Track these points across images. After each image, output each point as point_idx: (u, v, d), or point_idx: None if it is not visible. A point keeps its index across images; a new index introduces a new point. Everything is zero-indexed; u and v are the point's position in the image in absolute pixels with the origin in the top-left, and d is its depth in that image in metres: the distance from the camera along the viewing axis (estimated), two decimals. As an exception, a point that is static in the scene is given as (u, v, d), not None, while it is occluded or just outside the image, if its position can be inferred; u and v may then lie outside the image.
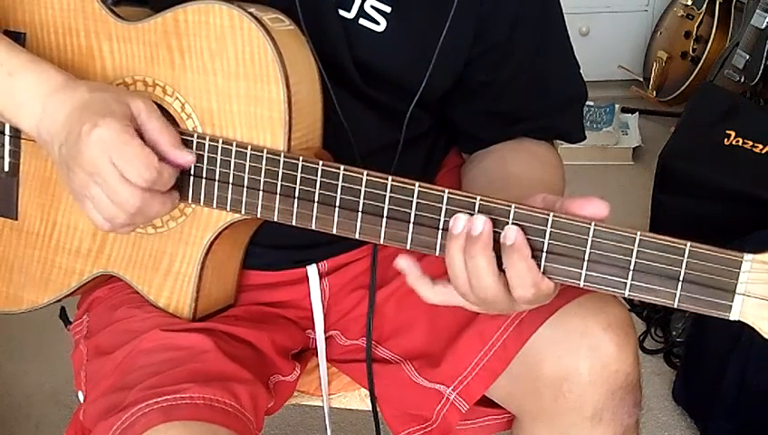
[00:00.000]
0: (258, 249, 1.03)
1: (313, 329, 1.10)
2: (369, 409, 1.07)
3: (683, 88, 2.92)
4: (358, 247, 1.08)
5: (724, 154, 2.08)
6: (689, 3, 2.93)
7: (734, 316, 0.72)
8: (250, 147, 0.87)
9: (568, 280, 0.77)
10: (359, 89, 0.97)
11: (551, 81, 1.05)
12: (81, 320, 1.08)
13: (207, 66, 0.88)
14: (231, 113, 0.89)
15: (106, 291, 1.05)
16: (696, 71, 2.87)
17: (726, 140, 2.09)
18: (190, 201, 0.91)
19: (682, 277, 0.73)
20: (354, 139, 0.94)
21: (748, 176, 2.01)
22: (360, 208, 0.83)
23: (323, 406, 1.12)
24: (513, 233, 0.76)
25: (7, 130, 1.01)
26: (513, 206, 0.77)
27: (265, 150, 0.86)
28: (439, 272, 0.81)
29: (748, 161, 2.05)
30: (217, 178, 0.89)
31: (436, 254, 0.80)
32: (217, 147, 0.88)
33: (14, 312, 1.06)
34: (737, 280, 0.71)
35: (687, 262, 0.72)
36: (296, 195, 0.85)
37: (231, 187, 0.88)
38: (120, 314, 1.00)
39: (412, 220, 0.81)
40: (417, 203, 0.80)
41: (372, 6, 0.95)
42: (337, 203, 0.84)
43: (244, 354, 0.97)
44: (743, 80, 2.58)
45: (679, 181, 2.12)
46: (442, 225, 0.80)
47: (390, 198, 0.81)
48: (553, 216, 0.76)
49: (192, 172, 0.90)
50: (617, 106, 2.92)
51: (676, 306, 0.73)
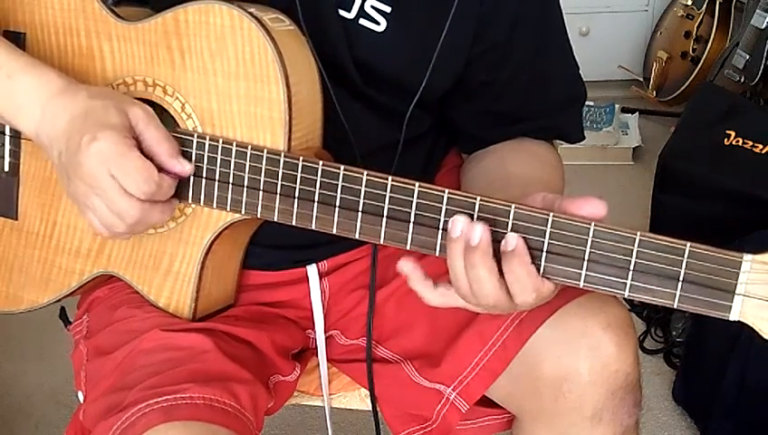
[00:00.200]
0: (258, 249, 1.03)
1: (313, 329, 1.10)
2: (369, 409, 1.07)
3: (683, 88, 2.92)
4: (358, 247, 1.08)
5: (724, 154, 2.07)
6: (689, 3, 2.93)
7: (733, 317, 0.72)
8: (250, 147, 0.87)
9: (567, 280, 0.77)
10: (359, 89, 0.97)
11: (550, 81, 1.06)
12: (81, 320, 1.08)
13: (208, 66, 0.88)
14: (231, 113, 0.89)
15: (106, 291, 1.05)
16: (696, 71, 2.87)
17: (726, 139, 2.09)
18: (190, 201, 0.91)
19: (682, 278, 0.73)
20: (354, 139, 0.94)
21: (748, 176, 2.00)
22: (360, 208, 0.83)
23: (324, 406, 1.12)
24: (513, 239, 0.75)
25: (7, 130, 1.01)
26: (513, 206, 0.77)
27: (265, 150, 0.86)
28: (440, 271, 0.81)
29: (748, 161, 2.04)
30: (217, 178, 0.89)
31: (436, 254, 0.80)
32: (217, 147, 0.88)
33: (14, 312, 1.06)
34: (737, 280, 0.71)
35: (687, 262, 0.72)
36: (296, 195, 0.85)
37: (231, 187, 0.88)
38: (120, 314, 1.00)
39: (412, 220, 0.81)
40: (418, 203, 0.80)
41: (372, 6, 0.95)
42: (337, 203, 0.84)
43: (244, 354, 0.97)
44: (743, 80, 2.57)
45: (679, 181, 2.12)
46: (442, 225, 0.80)
47: (390, 198, 0.81)
48: (553, 216, 0.76)
49: (192, 172, 0.90)
50: (617, 106, 2.92)
51: (675, 307, 0.73)
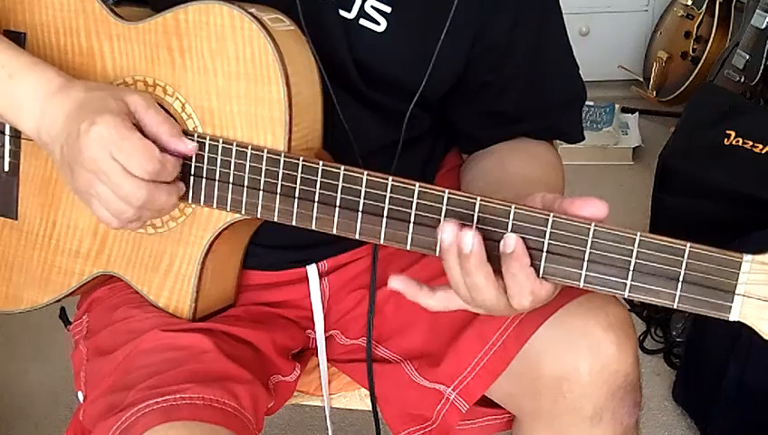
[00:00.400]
0: (258, 249, 1.03)
1: (313, 329, 1.10)
2: (370, 409, 1.07)
3: (683, 88, 2.91)
4: (358, 247, 1.08)
5: (725, 154, 2.07)
6: (689, 3, 2.93)
7: (733, 317, 0.72)
8: (250, 147, 0.87)
9: (568, 281, 0.77)
10: (359, 89, 0.97)
11: (550, 81, 1.06)
12: (81, 320, 1.08)
13: (208, 66, 0.88)
14: (231, 113, 0.89)
15: (106, 291, 1.05)
16: (696, 71, 2.87)
17: (726, 140, 2.09)
18: (190, 201, 0.91)
19: (682, 278, 0.73)
20: (354, 139, 0.94)
21: (748, 176, 2.00)
22: (361, 208, 0.83)
23: (324, 406, 1.12)
24: (512, 241, 0.75)
25: (7, 130, 1.01)
26: (513, 206, 0.77)
27: (266, 150, 0.86)
28: (440, 271, 0.81)
29: (748, 161, 2.04)
30: (218, 178, 0.89)
31: (436, 254, 0.80)
32: (218, 147, 0.88)
33: (14, 312, 1.06)
34: (737, 281, 0.71)
35: (687, 263, 0.72)
36: (296, 195, 0.85)
37: (231, 187, 0.88)
38: (120, 314, 1.00)
39: (412, 220, 0.81)
40: (418, 203, 0.80)
41: (372, 7, 0.95)
42: (337, 203, 0.84)
43: (244, 354, 0.97)
44: (743, 80, 2.57)
45: (679, 181, 2.12)
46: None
47: (391, 198, 0.81)
48: (553, 216, 0.76)
49: (192, 172, 0.90)
50: (617, 106, 2.92)
51: (675, 307, 0.73)
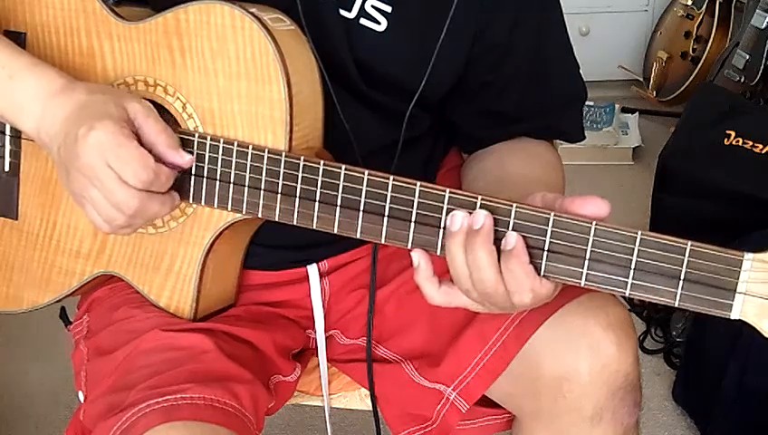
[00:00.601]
0: (259, 249, 1.03)
1: (314, 329, 1.10)
2: (370, 409, 1.07)
3: (683, 88, 2.91)
4: (358, 247, 1.08)
5: (725, 154, 2.07)
6: (689, 3, 2.93)
7: (734, 315, 0.72)
8: (251, 146, 0.87)
9: (569, 279, 0.77)
10: (359, 89, 0.97)
11: (550, 81, 1.05)
12: (81, 320, 1.08)
13: (209, 66, 0.88)
14: (232, 113, 0.89)
15: (106, 291, 1.05)
16: (696, 71, 2.87)
17: (726, 140, 2.09)
18: (191, 201, 0.91)
19: (683, 276, 0.73)
20: (354, 138, 0.94)
21: (748, 176, 2.00)
22: (362, 208, 0.83)
23: (324, 406, 1.12)
24: (513, 238, 0.76)
25: (8, 130, 1.01)
26: (515, 205, 0.77)
27: (267, 150, 0.86)
28: (440, 272, 0.81)
29: (748, 161, 2.04)
30: (218, 177, 0.89)
31: (437, 253, 0.80)
32: (219, 146, 0.88)
33: (15, 312, 1.06)
34: (738, 279, 0.71)
35: (688, 261, 0.72)
36: (297, 194, 0.85)
37: (232, 186, 0.88)
38: (121, 314, 1.00)
39: (413, 220, 0.81)
40: (419, 202, 0.80)
41: (373, 6, 0.95)
42: (338, 202, 0.84)
43: (245, 354, 0.97)
44: (743, 80, 2.57)
45: (679, 181, 2.12)
46: (443, 224, 0.80)
47: (392, 197, 0.81)
48: (554, 215, 0.76)
49: (193, 172, 0.90)
50: (617, 106, 2.92)
51: (676, 305, 0.73)
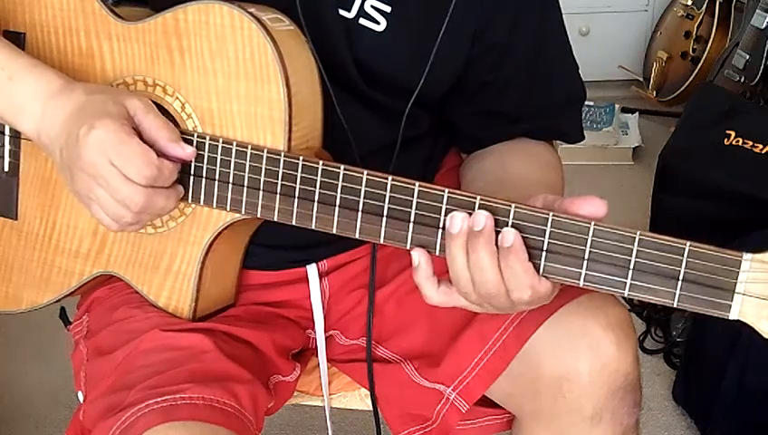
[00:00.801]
0: (258, 249, 1.03)
1: (313, 329, 1.10)
2: (370, 409, 1.07)
3: (683, 88, 2.91)
4: (358, 247, 1.08)
5: (725, 154, 2.07)
6: (689, 3, 2.93)
7: (733, 316, 0.72)
8: (250, 146, 0.87)
9: (568, 280, 0.77)
10: (359, 89, 0.97)
11: (550, 81, 1.05)
12: (81, 320, 1.08)
13: (208, 66, 0.88)
14: (231, 113, 0.89)
15: (106, 291, 1.05)
16: (696, 71, 2.87)
17: (726, 139, 2.09)
18: (190, 201, 0.91)
19: (682, 277, 0.73)
20: (354, 138, 0.94)
21: (748, 176, 2.00)
22: (361, 208, 0.83)
23: (324, 406, 1.12)
24: (510, 235, 0.76)
25: (7, 130, 1.01)
26: (513, 205, 0.77)
27: (265, 150, 0.86)
28: (439, 271, 0.81)
29: (748, 161, 2.04)
30: (217, 177, 0.89)
31: (436, 253, 0.80)
32: (217, 146, 0.88)
33: (14, 312, 1.06)
34: (737, 279, 0.71)
35: (687, 261, 0.72)
36: (296, 194, 0.85)
37: (231, 186, 0.88)
38: (120, 314, 1.00)
39: (412, 220, 0.81)
40: (418, 202, 0.80)
41: (372, 6, 0.95)
42: (337, 202, 0.84)
43: (244, 354, 0.97)
44: (743, 80, 2.57)
45: (679, 181, 2.12)
46: (442, 224, 0.80)
47: (391, 197, 0.81)
48: (553, 215, 0.76)
49: (192, 172, 0.90)
50: (617, 106, 2.92)
51: (675, 306, 0.73)
